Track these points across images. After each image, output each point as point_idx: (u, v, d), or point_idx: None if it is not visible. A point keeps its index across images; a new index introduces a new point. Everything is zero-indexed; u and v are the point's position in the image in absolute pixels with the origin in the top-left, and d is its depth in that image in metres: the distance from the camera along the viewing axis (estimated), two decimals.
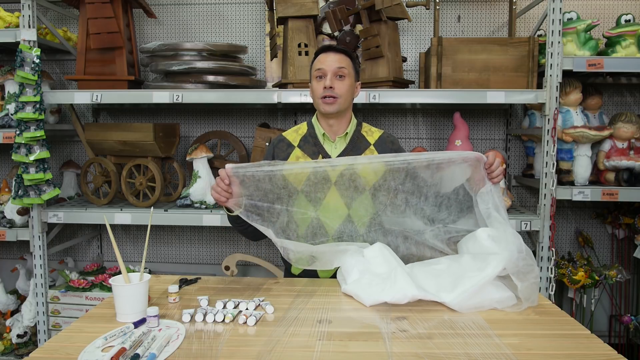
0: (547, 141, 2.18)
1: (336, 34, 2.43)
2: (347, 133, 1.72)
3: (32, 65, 2.23)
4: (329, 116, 1.69)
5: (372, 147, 1.73)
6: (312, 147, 1.72)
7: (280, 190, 1.50)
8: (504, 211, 1.45)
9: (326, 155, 1.70)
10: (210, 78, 2.35)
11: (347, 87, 1.67)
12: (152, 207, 2.20)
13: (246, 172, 1.46)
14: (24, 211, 2.42)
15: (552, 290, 2.21)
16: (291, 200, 1.52)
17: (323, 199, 1.55)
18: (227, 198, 1.50)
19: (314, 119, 1.77)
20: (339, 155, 1.70)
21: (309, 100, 2.21)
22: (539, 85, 2.26)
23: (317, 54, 1.72)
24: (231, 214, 1.57)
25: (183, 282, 1.56)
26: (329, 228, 1.57)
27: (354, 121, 1.76)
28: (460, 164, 1.47)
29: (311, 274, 1.69)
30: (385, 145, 1.75)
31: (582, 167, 2.33)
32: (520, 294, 1.32)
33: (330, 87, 1.64)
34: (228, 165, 1.47)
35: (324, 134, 1.72)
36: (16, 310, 2.73)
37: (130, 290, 1.26)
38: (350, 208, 1.56)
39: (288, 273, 1.78)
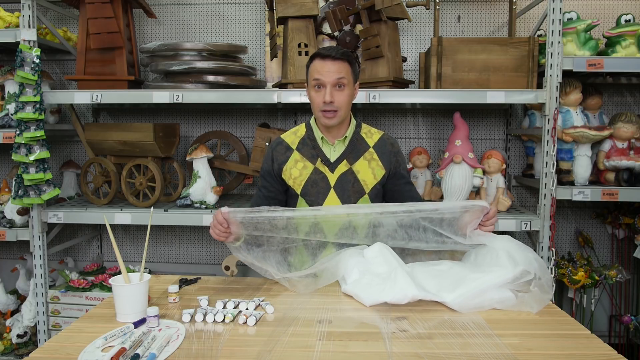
0: (547, 141, 2.18)
1: (336, 34, 2.43)
2: (346, 137, 1.71)
3: (32, 65, 2.23)
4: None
5: (371, 149, 1.72)
6: (311, 150, 1.72)
7: (280, 230, 1.50)
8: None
9: (325, 159, 1.69)
10: (210, 78, 2.35)
11: (347, 97, 1.64)
12: (152, 207, 2.20)
13: (244, 219, 1.47)
14: (24, 211, 2.42)
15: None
16: (291, 228, 1.52)
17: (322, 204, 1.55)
18: (226, 238, 1.52)
19: (312, 121, 1.76)
20: (338, 158, 1.70)
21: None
22: (539, 85, 2.26)
23: (312, 58, 1.66)
24: (236, 244, 1.58)
25: (183, 282, 1.56)
26: (328, 232, 1.57)
27: (353, 122, 1.74)
28: (461, 211, 1.46)
29: None
30: (385, 148, 1.74)
31: (582, 167, 2.32)
32: (524, 298, 1.33)
33: (331, 102, 1.60)
34: (224, 209, 1.47)
35: (322, 138, 1.71)
36: (16, 310, 2.73)
37: (130, 290, 1.26)
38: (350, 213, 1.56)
39: None
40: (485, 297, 1.31)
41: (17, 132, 2.24)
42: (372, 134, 1.76)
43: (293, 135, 1.77)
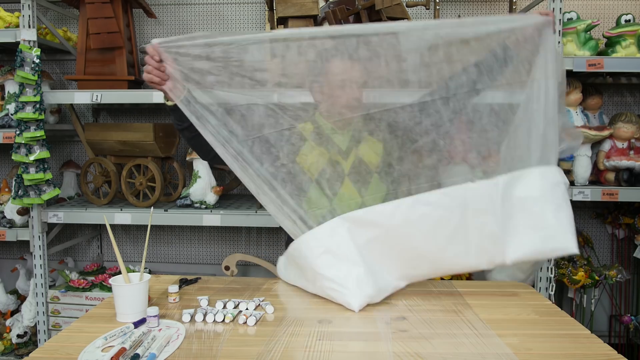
0: None
1: None
2: (350, 126, 1.73)
3: (32, 65, 2.23)
4: None
5: (365, 133, 1.74)
6: (323, 140, 1.73)
7: (231, 67, 1.26)
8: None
9: (337, 148, 1.71)
10: None
11: None
12: (152, 207, 2.21)
13: (179, 49, 1.22)
14: (24, 211, 2.42)
15: (552, 290, 2.21)
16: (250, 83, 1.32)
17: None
18: (162, 79, 1.30)
19: (316, 115, 1.77)
20: (348, 146, 1.70)
21: (309, 100, 2.20)
22: None
23: None
24: (170, 103, 1.39)
25: (183, 282, 1.56)
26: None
27: None
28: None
29: None
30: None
31: (582, 167, 2.32)
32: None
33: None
34: (154, 40, 1.25)
35: (331, 128, 1.73)
36: (16, 310, 2.73)
37: (130, 290, 1.26)
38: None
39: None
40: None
41: (17, 132, 2.24)
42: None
43: (302, 131, 1.79)
